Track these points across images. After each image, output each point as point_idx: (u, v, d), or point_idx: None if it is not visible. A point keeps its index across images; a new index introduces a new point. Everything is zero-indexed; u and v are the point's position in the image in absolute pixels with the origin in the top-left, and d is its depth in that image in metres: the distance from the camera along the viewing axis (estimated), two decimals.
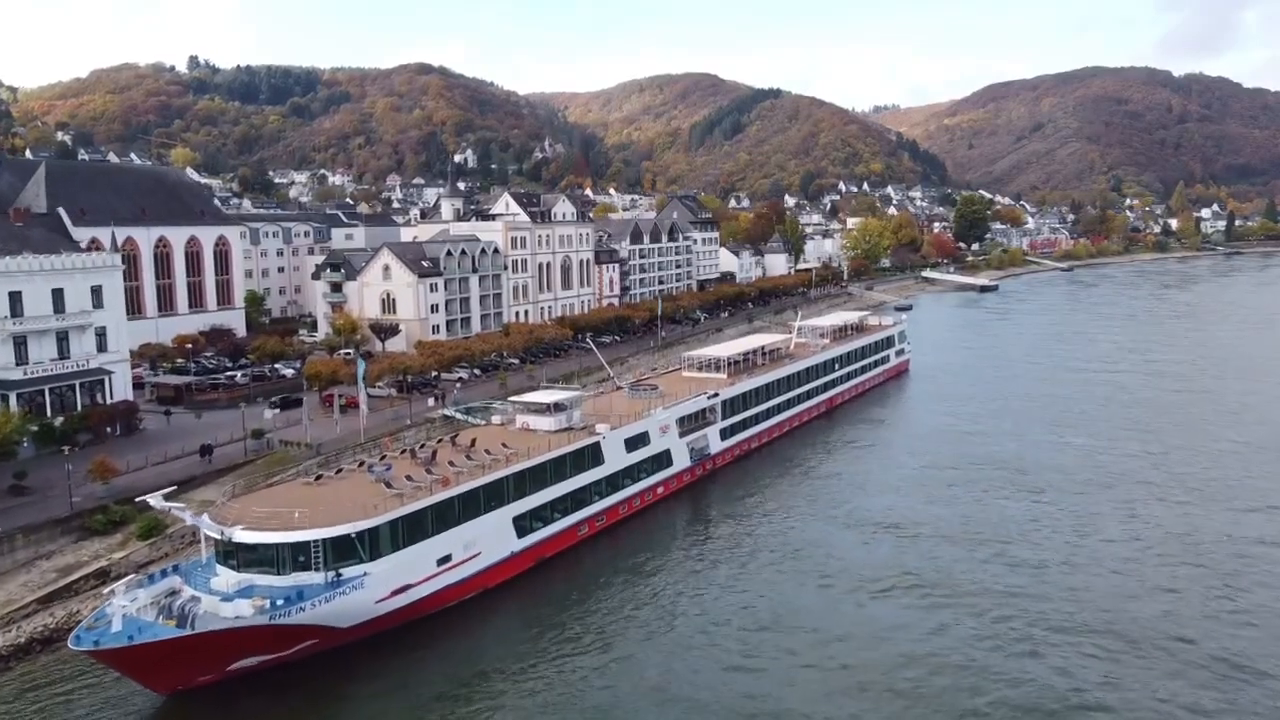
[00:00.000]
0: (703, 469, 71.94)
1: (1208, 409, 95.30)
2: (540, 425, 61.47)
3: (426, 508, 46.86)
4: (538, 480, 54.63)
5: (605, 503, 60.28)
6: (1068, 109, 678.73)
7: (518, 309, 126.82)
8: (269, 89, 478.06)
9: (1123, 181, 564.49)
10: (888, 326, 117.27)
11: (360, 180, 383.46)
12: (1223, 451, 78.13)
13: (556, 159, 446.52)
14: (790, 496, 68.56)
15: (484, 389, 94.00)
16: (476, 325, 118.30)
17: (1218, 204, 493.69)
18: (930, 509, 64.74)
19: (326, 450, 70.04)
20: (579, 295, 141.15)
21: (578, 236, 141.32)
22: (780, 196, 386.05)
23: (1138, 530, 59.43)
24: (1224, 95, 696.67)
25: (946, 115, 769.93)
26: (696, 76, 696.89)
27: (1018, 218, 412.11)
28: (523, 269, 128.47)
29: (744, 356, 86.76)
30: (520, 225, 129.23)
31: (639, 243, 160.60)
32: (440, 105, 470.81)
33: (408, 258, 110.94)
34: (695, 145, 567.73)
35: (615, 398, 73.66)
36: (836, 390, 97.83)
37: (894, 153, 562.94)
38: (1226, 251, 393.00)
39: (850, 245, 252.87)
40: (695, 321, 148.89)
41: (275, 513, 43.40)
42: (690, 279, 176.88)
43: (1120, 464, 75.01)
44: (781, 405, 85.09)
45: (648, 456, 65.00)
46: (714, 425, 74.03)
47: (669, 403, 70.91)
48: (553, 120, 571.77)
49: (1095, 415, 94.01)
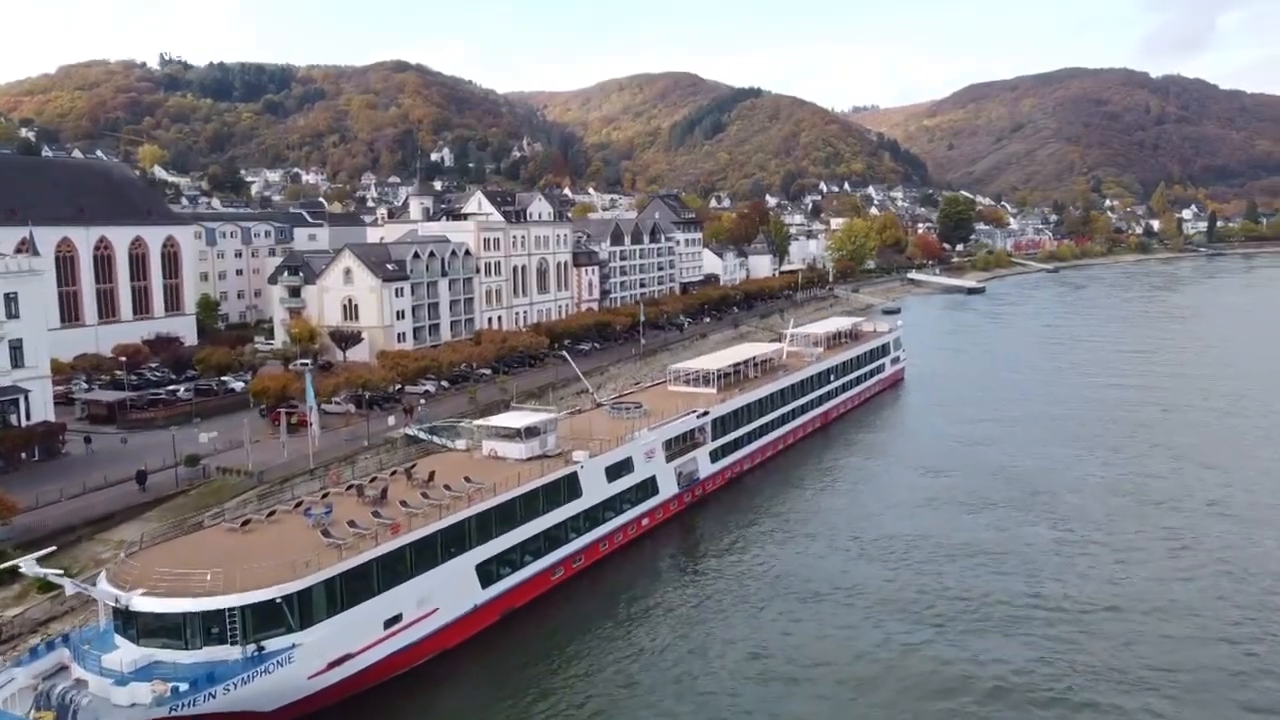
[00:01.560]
0: (691, 496, 64.98)
1: (1232, 422, 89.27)
2: (510, 453, 54.24)
3: (371, 561, 39.54)
4: (506, 520, 47.42)
5: (583, 540, 53.16)
6: (1047, 110, 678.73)
7: (491, 314, 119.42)
8: (242, 86, 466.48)
9: (1103, 182, 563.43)
10: (883, 333, 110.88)
11: (334, 179, 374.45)
12: (1260, 471, 71.99)
13: (535, 158, 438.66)
14: (789, 525, 61.77)
15: (452, 404, 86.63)
16: (446, 332, 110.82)
17: (1196, 205, 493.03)
18: (946, 536, 58.15)
19: (271, 477, 62.52)
20: (556, 299, 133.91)
21: (555, 237, 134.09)
22: (761, 196, 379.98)
23: (1186, 564, 52.92)
24: (1201, 97, 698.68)
25: (926, 116, 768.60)
26: (676, 76, 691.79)
27: (1000, 218, 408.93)
28: (496, 272, 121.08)
29: (734, 369, 79.84)
30: (494, 225, 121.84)
31: (620, 244, 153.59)
32: (417, 103, 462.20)
33: (371, 260, 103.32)
34: (675, 145, 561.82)
35: (595, 417, 66.55)
36: (833, 403, 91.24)
37: (875, 153, 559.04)
38: (1209, 253, 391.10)
39: (836, 246, 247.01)
40: (679, 327, 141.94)
41: (184, 574, 35.96)
42: (673, 281, 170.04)
43: (1146, 484, 68.66)
44: (775, 422, 78.30)
45: (631, 485, 57.95)
46: (703, 447, 67.09)
47: (654, 423, 63.89)
48: (531, 119, 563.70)
49: (1107, 427, 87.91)
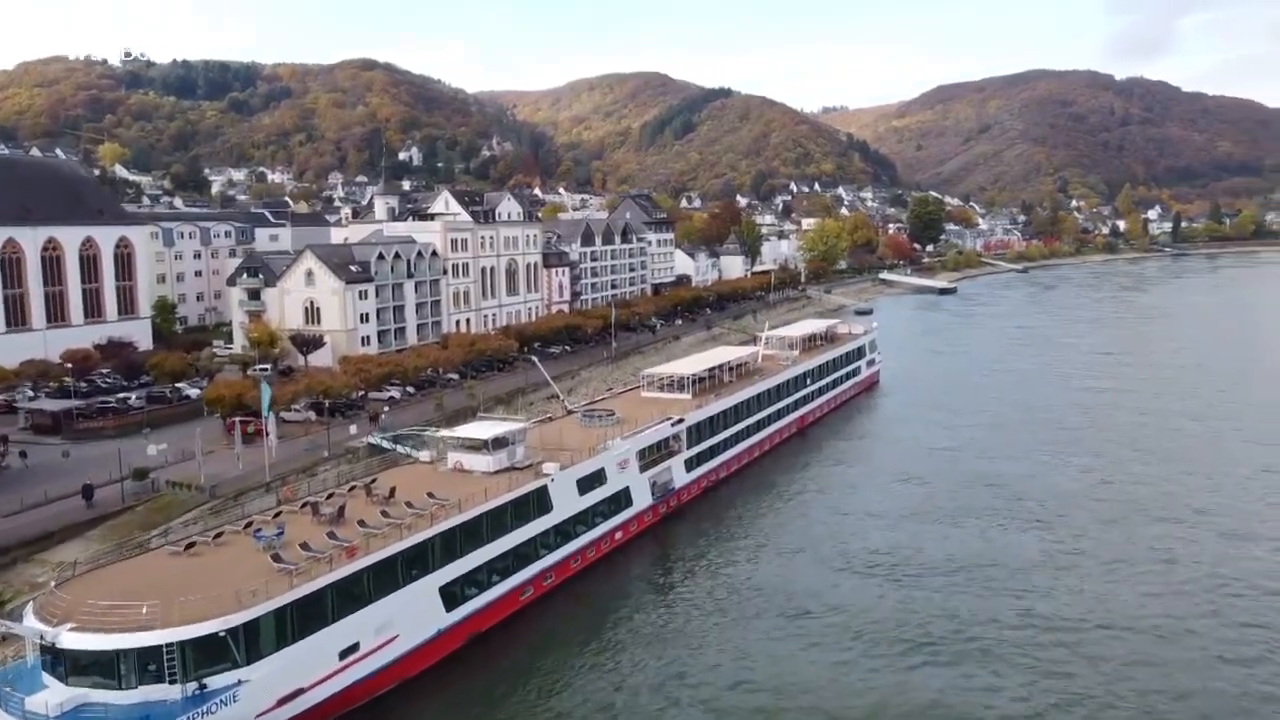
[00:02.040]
0: (666, 506, 62.63)
1: (1210, 424, 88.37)
2: (476, 465, 51.54)
3: (326, 587, 36.74)
4: (472, 538, 44.78)
5: (554, 557, 50.61)
6: (1014, 111, 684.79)
7: (458, 317, 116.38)
8: (206, 84, 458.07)
9: (1069, 183, 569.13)
10: (858, 335, 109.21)
11: (301, 178, 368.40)
12: (1244, 476, 70.89)
13: (505, 157, 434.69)
14: (769, 536, 59.63)
15: (418, 410, 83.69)
16: (412, 336, 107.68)
17: (1160, 205, 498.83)
18: (930, 546, 56.38)
19: (224, 491, 59.40)
20: (526, 301, 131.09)
21: (524, 238, 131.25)
22: (732, 196, 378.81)
23: (1177, 578, 51.32)
24: (1164, 99, 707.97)
25: (895, 117, 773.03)
26: (646, 76, 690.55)
27: (969, 219, 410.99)
28: (464, 273, 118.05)
29: (709, 373, 77.59)
30: (461, 225, 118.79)
31: (590, 244, 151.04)
32: (385, 102, 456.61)
33: (333, 261, 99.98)
34: (646, 145, 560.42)
35: (566, 426, 64.01)
36: (809, 408, 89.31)
37: (845, 153, 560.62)
38: (1174, 253, 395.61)
39: (808, 247, 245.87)
40: (651, 329, 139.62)
41: (119, 606, 33.01)
42: (645, 283, 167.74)
43: (1130, 490, 67.28)
44: (751, 428, 76.18)
45: (604, 498, 55.49)
46: (678, 455, 64.77)
47: (627, 432, 61.52)
48: (501, 119, 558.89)
49: (1086, 430, 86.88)
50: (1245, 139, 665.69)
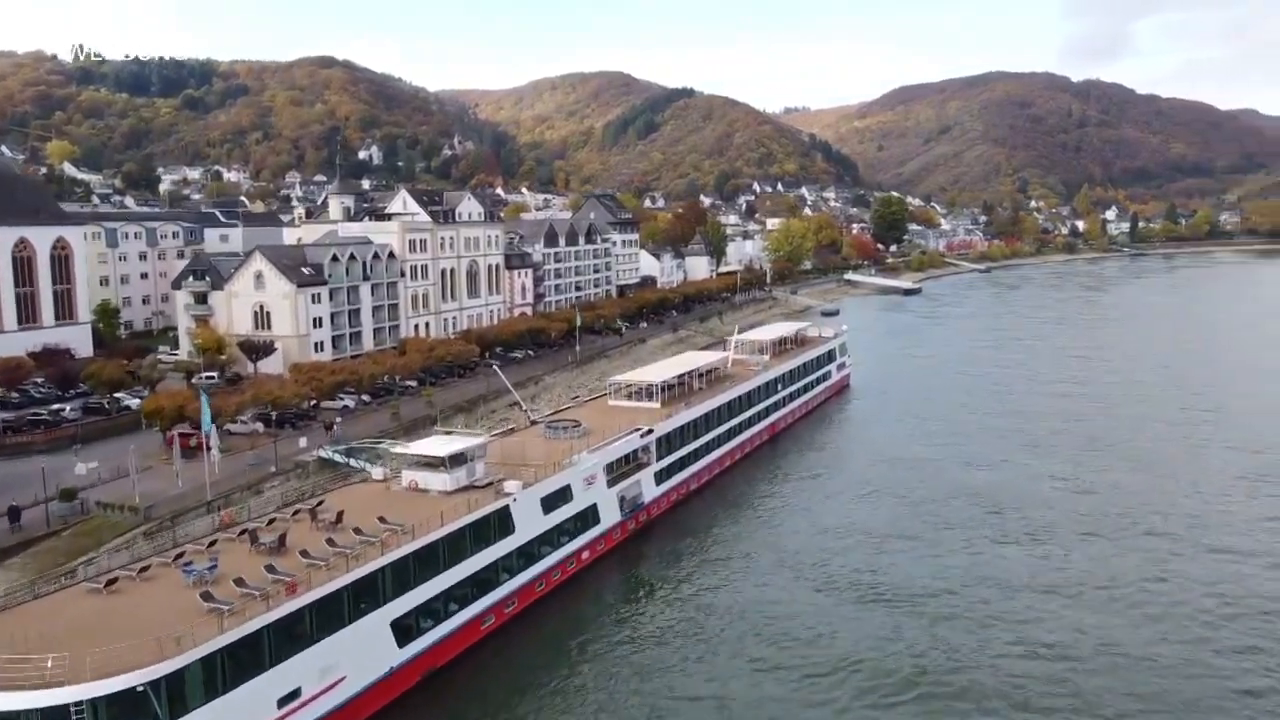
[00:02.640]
0: (635, 522, 59.52)
1: (1185, 429, 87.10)
2: (433, 484, 48.05)
3: (262, 629, 33.15)
4: (427, 565, 41.33)
5: (517, 582, 47.26)
6: (974, 112, 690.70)
7: (417, 321, 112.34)
8: (160, 80, 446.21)
9: (1028, 183, 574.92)
10: (828, 339, 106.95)
11: (257, 177, 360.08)
12: (1225, 483, 69.34)
13: (466, 156, 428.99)
14: (745, 554, 56.76)
15: (373, 420, 79.76)
16: (369, 341, 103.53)
17: (1116, 206, 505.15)
18: (913, 564, 53.88)
19: (160, 513, 55.29)
20: (488, 304, 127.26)
21: (486, 238, 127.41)
22: (696, 196, 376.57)
23: (1174, 597, 49.13)
24: (1120, 101, 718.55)
25: (856, 117, 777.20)
26: (609, 75, 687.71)
27: (931, 219, 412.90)
28: (423, 275, 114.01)
29: (679, 380, 74.62)
30: (420, 226, 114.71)
31: (554, 245, 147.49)
32: (344, 100, 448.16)
33: (284, 263, 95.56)
34: (609, 144, 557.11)
35: (529, 438, 60.67)
36: (780, 414, 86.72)
37: (807, 153, 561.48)
38: (1132, 253, 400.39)
39: (773, 247, 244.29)
40: (617, 332, 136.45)
41: (20, 659, 29.16)
42: (609, 284, 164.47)
43: (1113, 499, 65.32)
44: (722, 437, 73.32)
45: (570, 516, 52.25)
46: (648, 468, 61.70)
47: (594, 444, 58.34)
48: (463, 117, 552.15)
49: (1061, 435, 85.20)
50: (1198, 141, 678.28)
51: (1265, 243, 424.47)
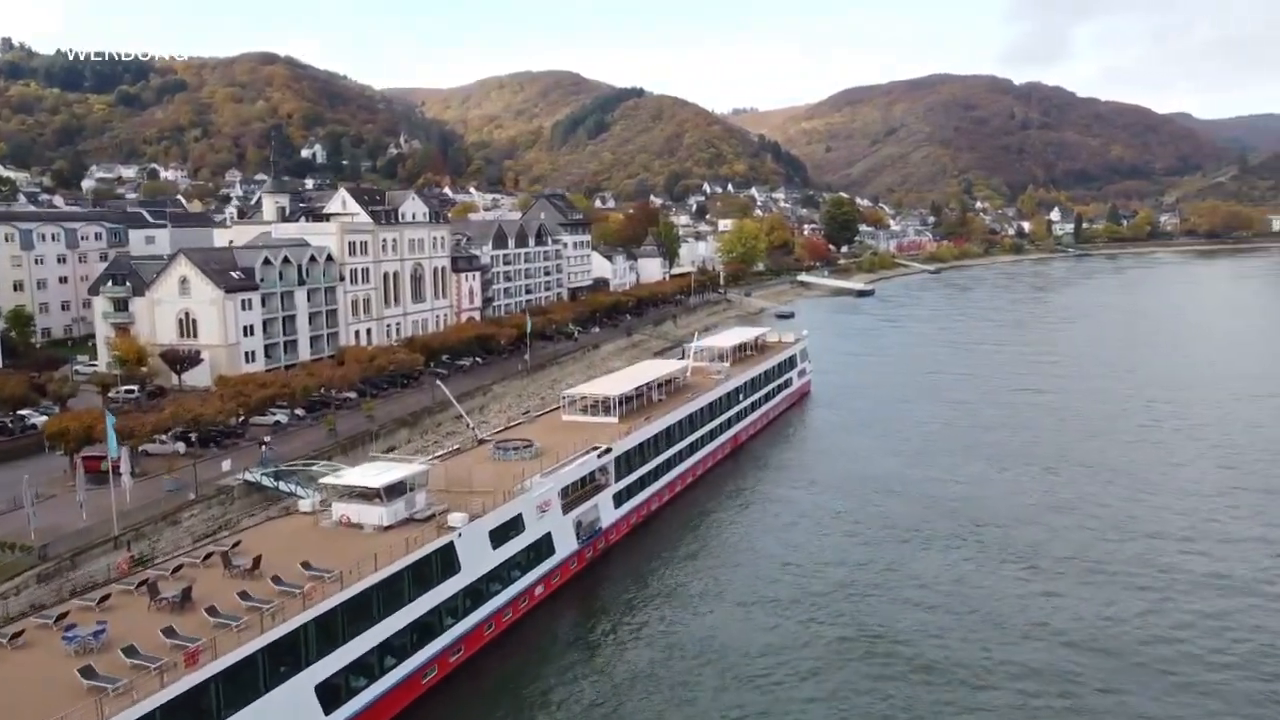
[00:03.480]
0: (593, 550, 54.81)
1: (1159, 435, 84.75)
2: (367, 519, 42.86)
3: (154, 710, 27.85)
4: (359, 617, 36.19)
5: (463, 626, 42.28)
6: (919, 114, 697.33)
7: (358, 327, 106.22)
8: (94, 75, 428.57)
9: (973, 184, 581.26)
10: (789, 344, 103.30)
11: (196, 176, 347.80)
12: (1203, 494, 66.76)
13: (413, 155, 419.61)
14: (711, 580, 52.43)
15: (307, 437, 73.97)
16: (305, 350, 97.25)
17: (1059, 207, 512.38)
18: (899, 591, 50.15)
19: (59, 550, 49.13)
20: (434, 309, 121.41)
21: (431, 240, 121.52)
22: (646, 197, 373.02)
23: (1175, 620, 45.78)
24: (1061, 104, 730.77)
25: (804, 118, 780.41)
26: (558, 74, 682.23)
27: (880, 219, 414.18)
28: (364, 279, 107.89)
29: (637, 392, 70.04)
30: (360, 227, 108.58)
31: (503, 247, 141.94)
32: (287, 97, 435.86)
33: (211, 267, 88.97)
34: (558, 144, 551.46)
35: (476, 460, 55.59)
36: (743, 425, 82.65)
37: (757, 154, 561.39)
38: (1077, 253, 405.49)
39: (726, 248, 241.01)
40: (570, 336, 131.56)
41: None
42: (561, 287, 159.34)
43: (1097, 514, 62.14)
44: (684, 452, 68.94)
45: (522, 549, 47.38)
46: (606, 490, 57.02)
47: (548, 466, 53.53)
48: (409, 116, 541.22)
49: (1032, 443, 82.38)
50: (1136, 143, 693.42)
51: (1204, 243, 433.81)
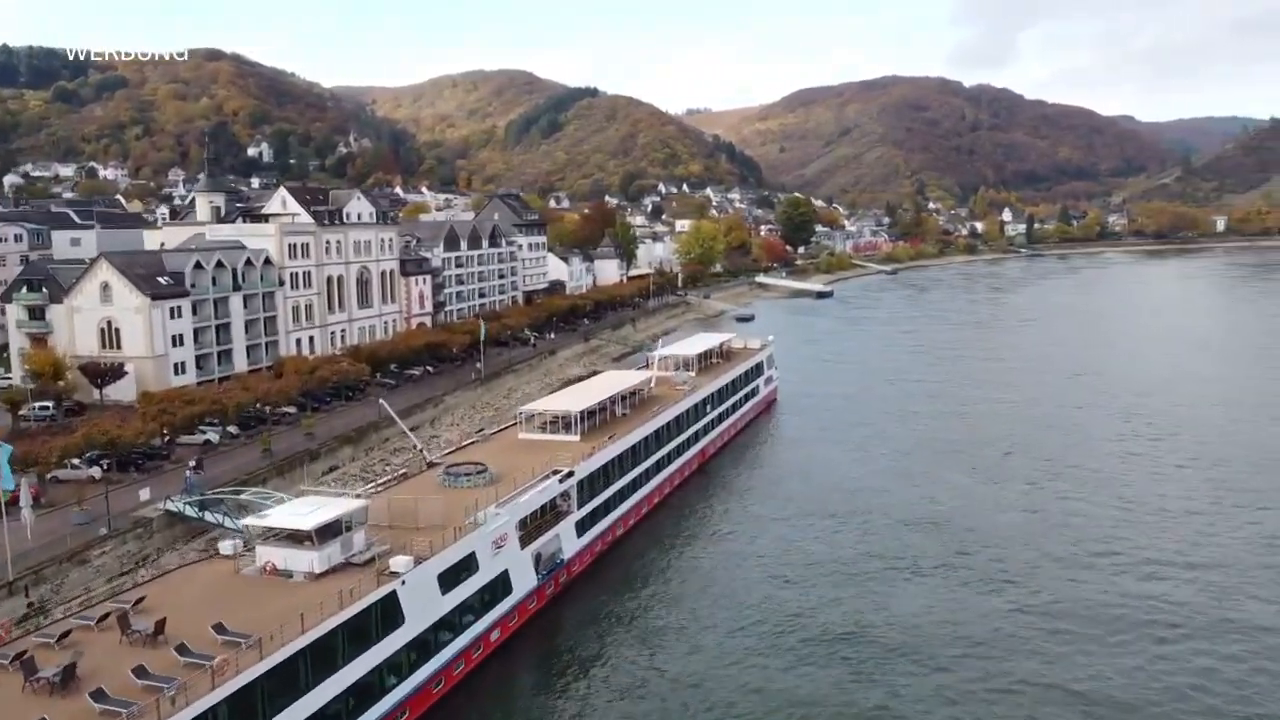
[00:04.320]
0: (555, 586, 49.84)
1: (1140, 444, 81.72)
2: (296, 565, 37.47)
3: None
4: (283, 690, 30.84)
5: (408, 686, 37.06)
6: (872, 115, 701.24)
7: (299, 335, 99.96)
8: (30, 71, 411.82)
9: (926, 185, 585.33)
10: (755, 350, 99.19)
11: (137, 175, 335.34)
12: (1191, 509, 63.72)
13: (363, 154, 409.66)
14: (686, 614, 47.88)
15: (240, 458, 67.95)
16: (241, 360, 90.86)
17: (1009, 208, 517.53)
18: (888, 621, 46.03)
19: None
20: (382, 315, 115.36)
21: (379, 242, 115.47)
22: (601, 197, 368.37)
23: (1187, 657, 42.20)
24: (1009, 106, 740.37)
25: (758, 119, 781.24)
26: (511, 73, 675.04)
27: (835, 220, 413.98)
28: (306, 284, 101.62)
29: (600, 407, 65.18)
30: (301, 229, 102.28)
31: (455, 249, 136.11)
32: (232, 94, 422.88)
33: (136, 272, 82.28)
34: (512, 143, 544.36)
35: (424, 488, 50.27)
36: (710, 438, 78.23)
37: (711, 154, 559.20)
38: (1029, 254, 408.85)
39: (684, 249, 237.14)
40: (525, 342, 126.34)
41: None
42: (516, 290, 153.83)
43: (1091, 534, 58.61)
44: (650, 471, 64.24)
45: (476, 591, 42.31)
46: (568, 518, 52.09)
47: (505, 494, 48.44)
48: (360, 115, 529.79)
49: (1009, 454, 79.08)
50: (1082, 145, 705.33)
51: (1151, 243, 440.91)
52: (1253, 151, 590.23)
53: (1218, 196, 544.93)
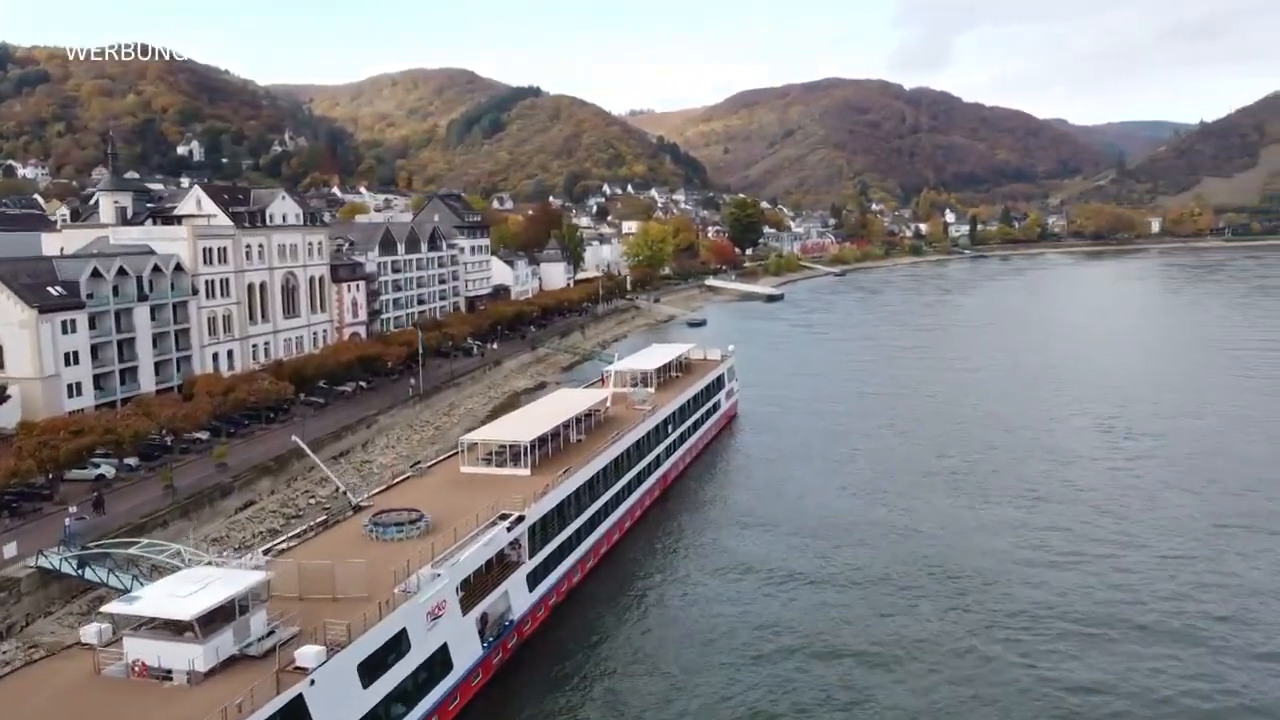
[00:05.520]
0: (503, 652, 42.43)
1: (1129, 464, 76.76)
2: (175, 662, 29.47)
3: None
4: None
5: None
6: (815, 116, 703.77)
7: (216, 349, 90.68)
8: None
9: (869, 186, 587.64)
10: (715, 362, 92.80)
11: (58, 173, 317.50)
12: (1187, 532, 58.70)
13: (299, 153, 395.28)
14: (648, 673, 41.20)
15: (140, 495, 59.18)
16: (148, 379, 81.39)
17: (950, 209, 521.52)
18: (876, 687, 39.50)
19: None
20: (310, 326, 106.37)
21: (307, 246, 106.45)
22: (545, 198, 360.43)
23: None
24: (948, 108, 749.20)
25: (701, 120, 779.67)
26: (452, 72, 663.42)
27: (781, 221, 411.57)
28: (223, 292, 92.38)
29: (553, 433, 57.82)
30: (218, 232, 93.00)
31: (392, 253, 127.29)
32: (161, 90, 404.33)
33: (21, 281, 72.48)
34: (454, 143, 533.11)
35: (346, 543, 42.39)
36: (672, 461, 71.45)
37: (656, 155, 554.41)
38: (973, 255, 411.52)
39: (632, 252, 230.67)
40: (468, 353, 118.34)
41: None
42: (458, 296, 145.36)
43: (1091, 565, 53.07)
44: (610, 505, 57.19)
45: (409, 675, 34.79)
46: (519, 571, 44.71)
47: (443, 548, 40.86)
48: (296, 113, 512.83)
49: (991, 473, 73.64)
50: (1019, 147, 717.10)
51: (1090, 244, 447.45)
52: (1183, 154, 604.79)
53: (1151, 198, 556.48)
